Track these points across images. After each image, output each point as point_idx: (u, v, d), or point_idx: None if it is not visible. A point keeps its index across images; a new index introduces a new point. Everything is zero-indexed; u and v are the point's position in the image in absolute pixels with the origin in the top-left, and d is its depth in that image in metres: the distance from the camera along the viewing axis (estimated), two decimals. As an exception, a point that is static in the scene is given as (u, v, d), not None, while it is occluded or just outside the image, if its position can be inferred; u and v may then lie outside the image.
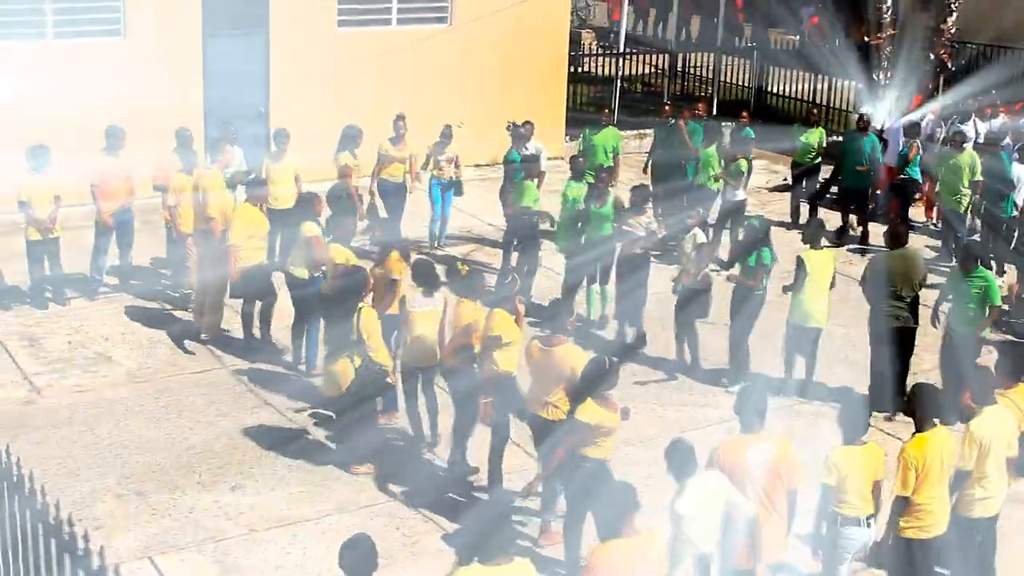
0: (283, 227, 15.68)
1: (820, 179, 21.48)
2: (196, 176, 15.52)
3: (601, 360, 10.39)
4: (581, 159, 17.26)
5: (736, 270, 14.71)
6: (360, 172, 17.41)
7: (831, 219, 19.64)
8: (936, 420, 9.70)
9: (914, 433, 9.69)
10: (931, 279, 15.44)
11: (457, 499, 11.78)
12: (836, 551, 9.56)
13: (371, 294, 12.66)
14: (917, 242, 19.04)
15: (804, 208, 20.74)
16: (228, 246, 14.36)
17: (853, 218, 20.14)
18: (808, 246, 14.17)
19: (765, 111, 26.88)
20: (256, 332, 14.92)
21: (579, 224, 15.84)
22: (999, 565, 10.58)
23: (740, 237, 14.95)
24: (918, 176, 19.93)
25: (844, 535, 9.51)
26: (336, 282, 12.96)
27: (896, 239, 14.15)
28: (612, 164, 18.73)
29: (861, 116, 21.18)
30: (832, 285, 14.12)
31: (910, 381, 14.04)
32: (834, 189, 21.14)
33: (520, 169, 17.09)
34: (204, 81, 20.17)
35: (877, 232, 18.35)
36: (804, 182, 21.16)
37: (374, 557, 7.38)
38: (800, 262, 13.97)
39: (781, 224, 19.97)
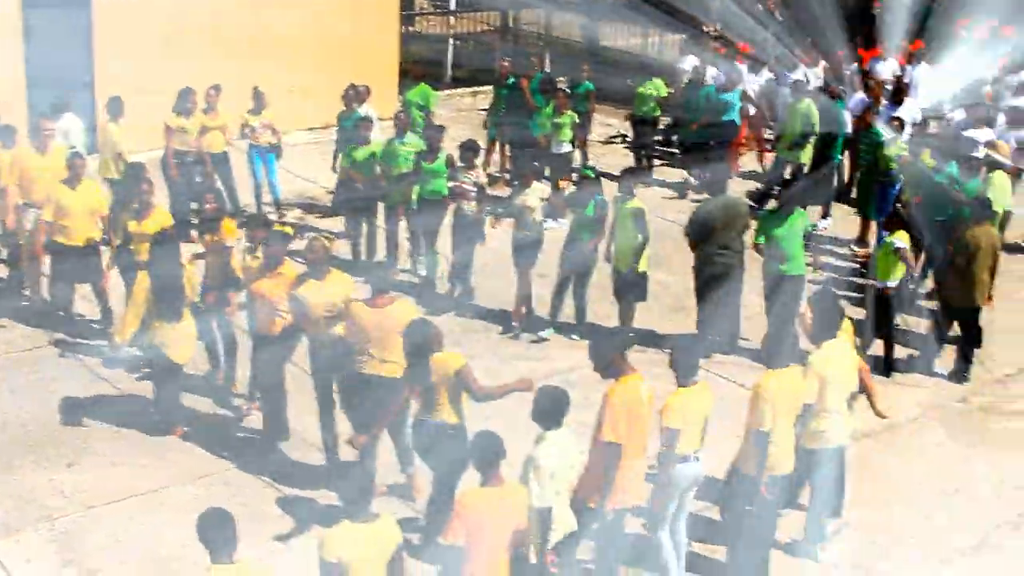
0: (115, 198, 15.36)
1: (658, 131, 21.81)
2: (18, 152, 15.11)
3: (423, 322, 10.39)
4: (403, 116, 17.15)
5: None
6: (191, 136, 17.18)
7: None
8: (786, 361, 9.90)
9: (767, 370, 9.89)
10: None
11: (296, 464, 11.76)
12: (667, 488, 9.67)
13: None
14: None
15: (647, 161, 21.06)
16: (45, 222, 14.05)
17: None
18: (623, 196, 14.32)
19: (601, 65, 27.00)
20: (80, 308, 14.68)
21: (408, 181, 15.85)
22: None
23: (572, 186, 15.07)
24: (736, 120, 20.25)
25: (675, 472, 9.62)
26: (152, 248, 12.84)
27: (715, 187, 14.43)
28: (425, 121, 18.61)
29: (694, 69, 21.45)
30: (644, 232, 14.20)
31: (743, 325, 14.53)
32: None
33: (352, 132, 16.97)
34: (25, 51, 19.60)
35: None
36: (641, 134, 21.36)
37: (232, 527, 7.40)
38: (614, 209, 14.25)
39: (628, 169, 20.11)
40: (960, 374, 14.17)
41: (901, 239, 13.87)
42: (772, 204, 15.76)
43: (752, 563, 9.97)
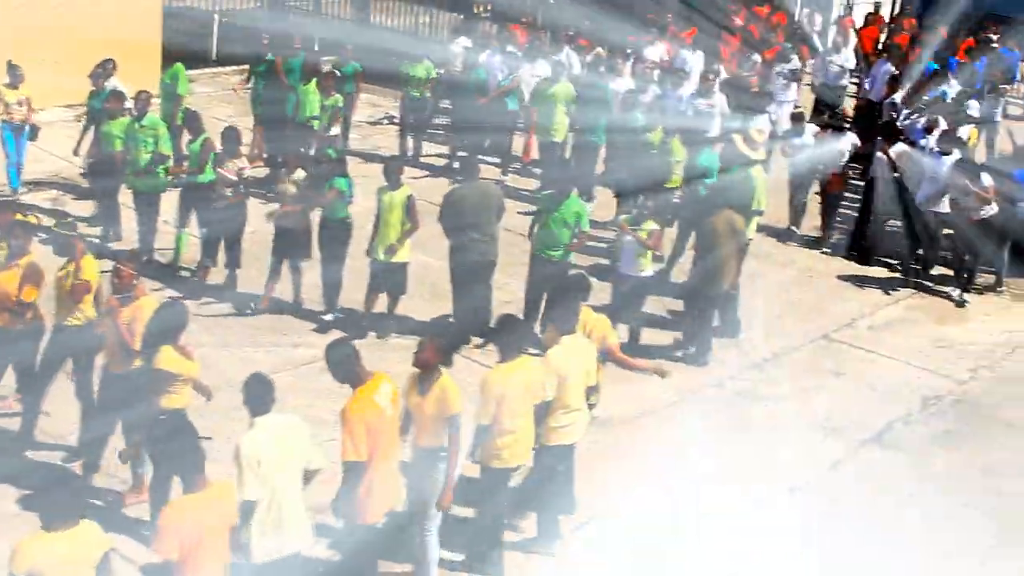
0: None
1: (427, 114, 21.58)
2: None
3: (173, 304, 10.03)
4: (144, 96, 16.23)
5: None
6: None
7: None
8: (521, 350, 9.83)
9: (498, 362, 9.79)
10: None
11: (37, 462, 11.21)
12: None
13: None
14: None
15: (415, 143, 20.81)
16: None
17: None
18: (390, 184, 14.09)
19: (370, 43, 26.61)
20: None
21: (162, 165, 15.38)
22: (586, 490, 10.91)
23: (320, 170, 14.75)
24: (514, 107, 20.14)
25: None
26: None
27: (468, 172, 14.31)
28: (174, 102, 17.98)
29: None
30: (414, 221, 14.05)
31: (497, 310, 14.42)
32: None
33: (103, 109, 16.32)
34: None
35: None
36: (411, 116, 21.07)
37: None
38: (378, 199, 14.02)
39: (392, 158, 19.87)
40: (698, 358, 14.33)
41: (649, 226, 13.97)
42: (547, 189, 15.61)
43: (486, 560, 9.90)
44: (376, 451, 8.82)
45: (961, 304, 16.69)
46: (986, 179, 16.51)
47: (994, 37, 25.24)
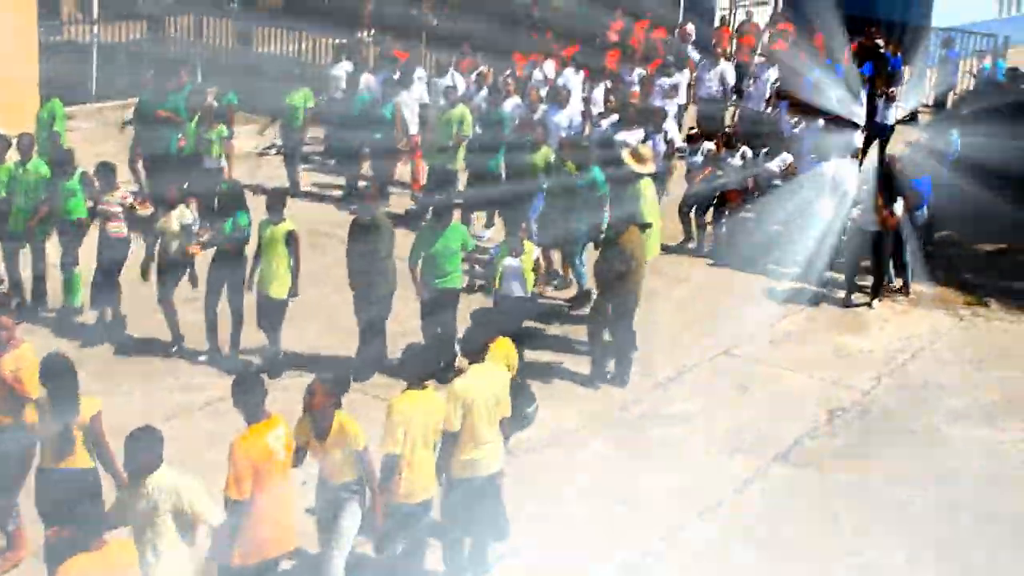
0: None
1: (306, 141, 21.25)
2: None
3: (54, 357, 9.61)
4: (26, 140, 15.66)
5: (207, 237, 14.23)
6: None
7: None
8: (426, 379, 9.64)
9: (404, 390, 9.59)
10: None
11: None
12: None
13: None
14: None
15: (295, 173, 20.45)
16: None
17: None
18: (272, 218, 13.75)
19: (253, 71, 26.23)
20: None
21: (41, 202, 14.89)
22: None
23: (216, 205, 14.41)
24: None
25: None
26: None
27: (363, 207, 14.03)
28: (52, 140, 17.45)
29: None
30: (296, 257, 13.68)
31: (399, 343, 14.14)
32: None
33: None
34: None
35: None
36: (290, 145, 20.71)
37: None
38: (259, 233, 13.72)
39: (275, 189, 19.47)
40: (620, 378, 14.17)
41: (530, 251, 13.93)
42: (428, 217, 15.34)
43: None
44: (260, 492, 8.58)
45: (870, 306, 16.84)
46: (898, 207, 16.52)
47: (880, 42, 25.53)
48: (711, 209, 18.62)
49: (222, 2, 32.14)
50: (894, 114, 22.10)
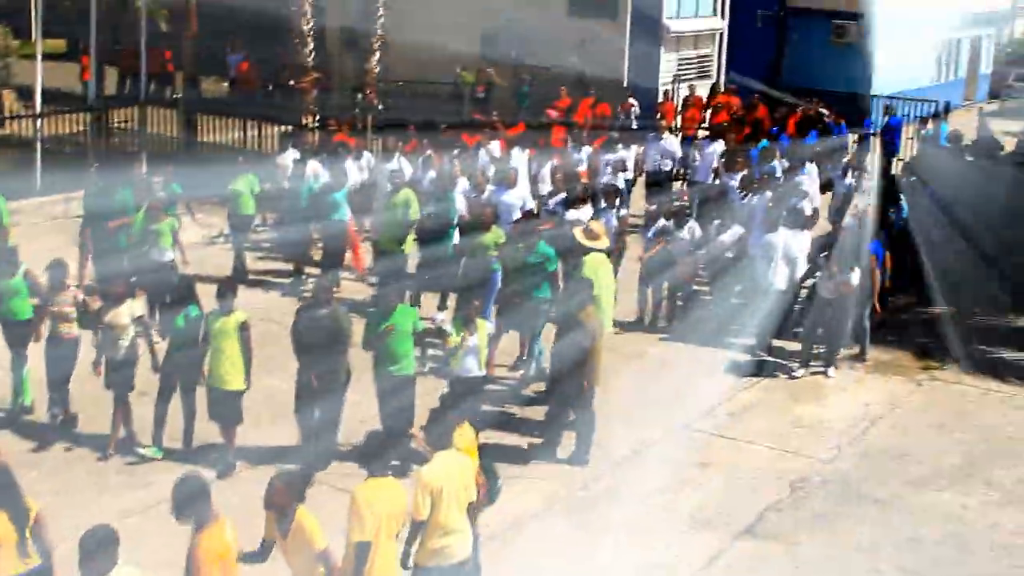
0: None
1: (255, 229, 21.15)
2: None
3: None
4: None
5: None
6: None
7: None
8: (388, 467, 9.54)
9: (366, 479, 9.46)
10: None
11: None
12: None
13: None
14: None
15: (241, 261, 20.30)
16: None
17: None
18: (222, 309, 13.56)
19: (197, 161, 26.09)
20: None
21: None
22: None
23: (168, 298, 14.22)
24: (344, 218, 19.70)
25: None
26: None
27: (319, 297, 13.87)
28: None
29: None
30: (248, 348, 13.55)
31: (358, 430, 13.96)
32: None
33: None
34: None
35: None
36: (238, 233, 20.55)
37: None
38: (206, 324, 13.55)
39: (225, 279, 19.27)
40: (579, 458, 14.01)
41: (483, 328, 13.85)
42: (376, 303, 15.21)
43: None
44: None
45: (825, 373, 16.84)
46: (855, 277, 16.55)
47: (824, 111, 25.80)
48: (664, 283, 18.58)
49: (166, 92, 32.19)
50: (846, 181, 22.18)
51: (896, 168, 25.64)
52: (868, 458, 14.54)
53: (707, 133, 25.23)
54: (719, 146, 23.57)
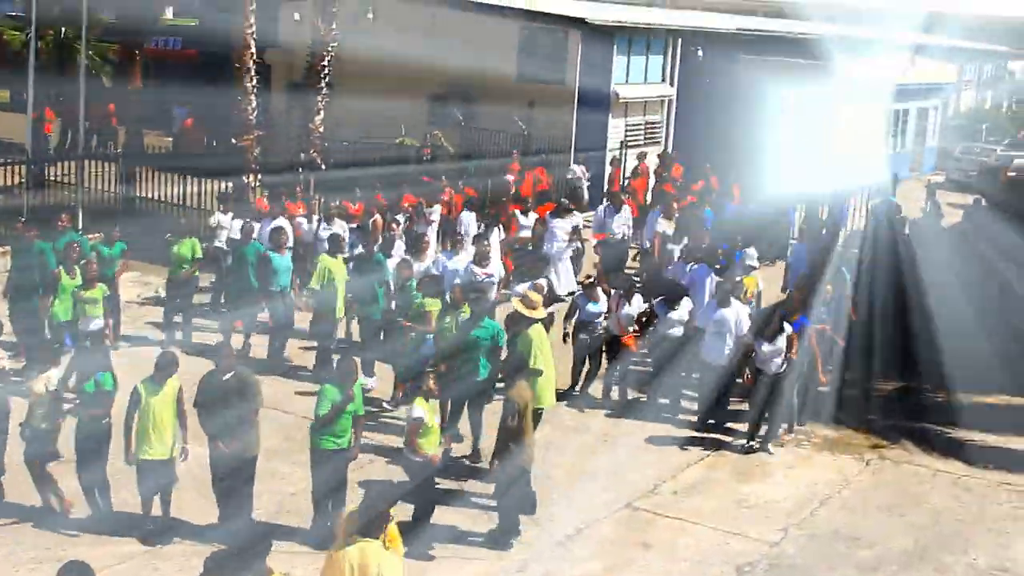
0: None
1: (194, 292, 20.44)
2: None
3: None
4: None
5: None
6: None
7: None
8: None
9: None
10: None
11: None
12: None
13: None
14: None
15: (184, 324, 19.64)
16: None
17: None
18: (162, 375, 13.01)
19: (137, 217, 25.42)
20: None
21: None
22: None
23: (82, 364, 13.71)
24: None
25: None
26: None
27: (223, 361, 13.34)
28: None
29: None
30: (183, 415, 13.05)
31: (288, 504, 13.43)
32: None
33: None
34: None
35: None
36: (178, 297, 19.81)
37: None
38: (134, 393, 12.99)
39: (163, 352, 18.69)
40: (502, 542, 13.44)
41: (420, 407, 13.09)
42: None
43: None
44: None
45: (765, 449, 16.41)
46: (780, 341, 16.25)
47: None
48: (606, 358, 18.11)
49: (108, 146, 31.64)
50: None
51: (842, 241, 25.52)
52: (816, 540, 14.10)
53: (653, 205, 25.09)
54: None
